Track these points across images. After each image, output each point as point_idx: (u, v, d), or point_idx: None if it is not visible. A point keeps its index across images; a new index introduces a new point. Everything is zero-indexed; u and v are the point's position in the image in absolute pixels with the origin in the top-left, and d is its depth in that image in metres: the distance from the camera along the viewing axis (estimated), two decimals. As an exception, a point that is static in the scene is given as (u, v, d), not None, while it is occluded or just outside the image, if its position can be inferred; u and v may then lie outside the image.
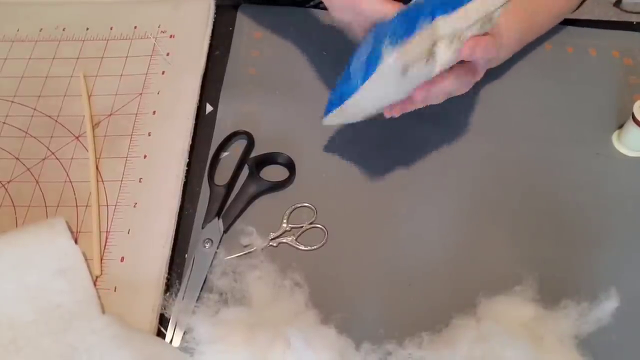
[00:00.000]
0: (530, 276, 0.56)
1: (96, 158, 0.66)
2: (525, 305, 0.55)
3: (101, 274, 0.59)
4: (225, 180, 0.64)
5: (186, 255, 0.60)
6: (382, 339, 0.54)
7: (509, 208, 0.63)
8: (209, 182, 0.64)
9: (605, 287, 0.54)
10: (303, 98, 0.71)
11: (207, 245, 0.60)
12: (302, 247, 0.61)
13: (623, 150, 0.67)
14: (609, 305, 0.53)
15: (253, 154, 0.67)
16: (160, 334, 0.56)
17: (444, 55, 0.51)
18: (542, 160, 0.66)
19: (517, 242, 0.61)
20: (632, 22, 0.77)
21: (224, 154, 0.67)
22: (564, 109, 0.70)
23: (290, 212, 0.63)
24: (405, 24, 0.50)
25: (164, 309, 0.57)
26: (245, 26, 0.78)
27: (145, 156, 0.66)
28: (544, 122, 0.69)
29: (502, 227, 0.62)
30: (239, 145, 0.67)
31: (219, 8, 0.79)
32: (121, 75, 0.73)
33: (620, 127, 0.67)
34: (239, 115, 0.70)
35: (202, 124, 0.70)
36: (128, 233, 0.61)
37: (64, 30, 0.78)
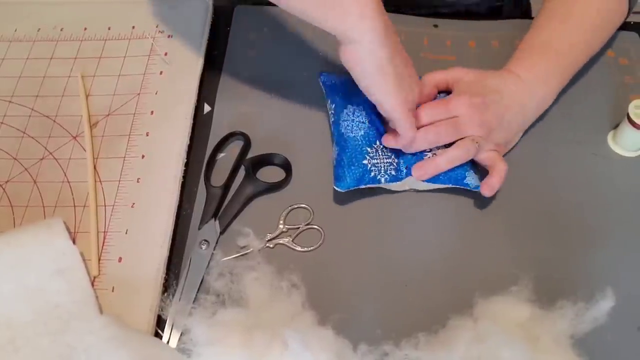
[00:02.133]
0: (526, 276, 0.56)
1: (94, 158, 0.66)
2: (521, 306, 0.55)
3: (99, 274, 0.59)
4: (221, 181, 0.64)
5: (183, 256, 0.60)
6: (379, 339, 0.54)
7: (504, 208, 0.63)
8: (205, 183, 0.64)
9: (601, 286, 0.55)
10: (300, 99, 0.71)
11: (204, 247, 0.60)
12: (299, 248, 0.61)
13: (618, 150, 0.67)
14: (605, 305, 0.54)
15: (250, 155, 0.67)
16: (158, 335, 0.56)
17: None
18: (537, 160, 0.66)
19: (513, 242, 0.61)
20: (628, 22, 0.76)
21: (221, 155, 0.67)
22: (559, 108, 0.70)
23: (287, 213, 0.63)
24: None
25: (161, 310, 0.56)
26: (242, 27, 0.78)
27: (143, 156, 0.66)
28: (539, 122, 0.69)
29: (498, 227, 0.62)
30: (235, 146, 0.67)
31: (217, 8, 0.79)
32: (119, 75, 0.73)
33: (616, 127, 0.68)
34: (235, 116, 0.70)
35: (200, 124, 0.70)
36: (126, 233, 0.61)
37: (61, 30, 0.78)
